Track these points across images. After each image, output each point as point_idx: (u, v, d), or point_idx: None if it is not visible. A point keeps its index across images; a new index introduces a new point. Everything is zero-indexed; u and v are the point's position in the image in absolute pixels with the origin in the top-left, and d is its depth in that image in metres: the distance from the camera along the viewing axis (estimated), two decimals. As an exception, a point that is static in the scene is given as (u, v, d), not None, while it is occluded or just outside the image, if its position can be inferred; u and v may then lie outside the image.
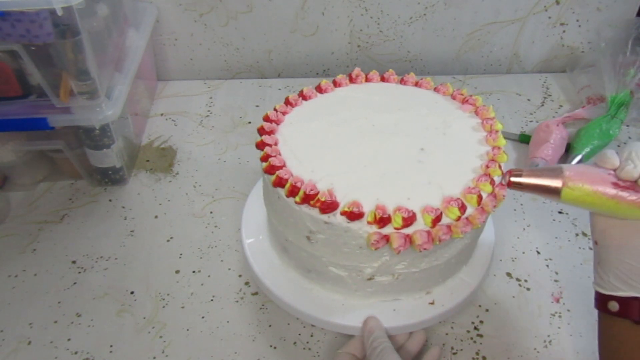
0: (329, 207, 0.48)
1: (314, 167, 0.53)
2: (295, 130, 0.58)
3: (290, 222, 0.53)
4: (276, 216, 0.56)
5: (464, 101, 0.61)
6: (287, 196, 0.50)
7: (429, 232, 0.47)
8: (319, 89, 0.63)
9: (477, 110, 0.60)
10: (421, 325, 0.56)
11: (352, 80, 0.65)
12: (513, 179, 0.47)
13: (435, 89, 0.64)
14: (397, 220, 0.47)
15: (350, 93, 0.64)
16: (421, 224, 0.48)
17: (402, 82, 0.65)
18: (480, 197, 0.49)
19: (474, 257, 0.61)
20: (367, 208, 0.48)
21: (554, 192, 0.44)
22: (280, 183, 0.50)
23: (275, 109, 0.60)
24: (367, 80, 0.65)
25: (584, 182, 0.43)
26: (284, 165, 0.52)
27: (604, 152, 0.43)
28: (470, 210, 0.49)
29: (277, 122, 0.58)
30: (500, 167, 0.52)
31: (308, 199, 0.48)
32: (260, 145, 0.55)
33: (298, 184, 0.49)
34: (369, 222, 0.47)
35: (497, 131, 0.57)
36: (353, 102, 0.62)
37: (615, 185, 0.42)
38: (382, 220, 0.47)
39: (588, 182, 0.43)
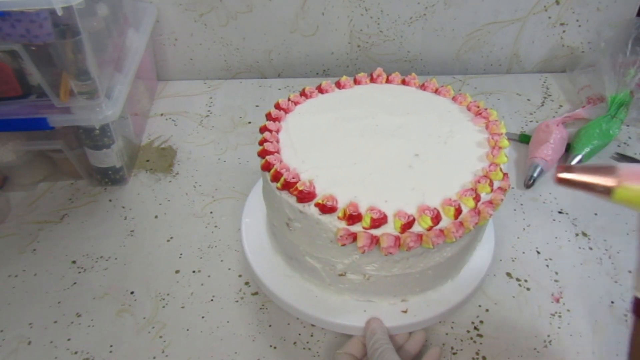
0: (305, 197, 0.49)
1: (306, 157, 0.54)
2: (300, 120, 0.59)
3: (274, 207, 0.55)
4: (265, 199, 0.58)
5: (478, 113, 0.60)
6: (271, 181, 0.52)
7: (397, 237, 0.47)
8: (338, 85, 0.64)
9: (488, 124, 0.58)
10: (394, 330, 0.55)
11: (372, 79, 0.65)
12: (562, 175, 0.45)
13: (454, 98, 0.63)
14: (366, 220, 0.47)
15: (366, 92, 0.64)
16: (391, 228, 0.47)
17: (422, 87, 0.64)
18: (458, 210, 0.48)
19: (471, 262, 0.60)
20: (343, 204, 0.48)
21: (606, 191, 0.43)
22: (267, 167, 0.52)
23: (289, 98, 0.61)
24: (387, 81, 0.65)
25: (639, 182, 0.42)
26: (276, 152, 0.54)
27: None
28: (446, 222, 0.48)
29: (287, 111, 0.60)
30: (491, 183, 0.50)
31: (288, 186, 0.50)
32: (262, 130, 0.57)
33: (283, 171, 0.51)
34: (339, 218, 0.48)
35: (500, 147, 0.55)
36: (366, 100, 0.62)
37: None
38: (352, 218, 0.47)
39: None
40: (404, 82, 0.65)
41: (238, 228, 0.66)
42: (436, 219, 0.47)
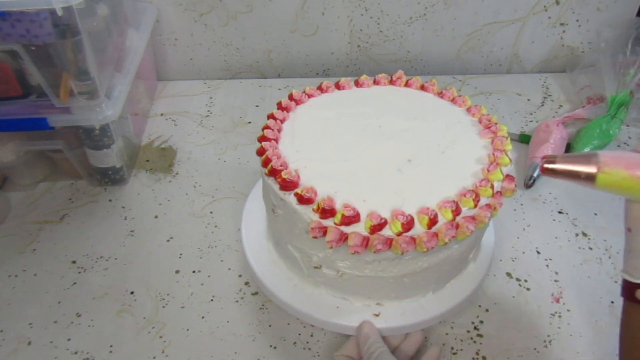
0: (288, 185, 0.50)
1: (301, 147, 0.55)
2: (308, 113, 0.60)
3: (265, 191, 0.56)
4: (262, 182, 0.59)
5: (487, 127, 0.58)
6: (262, 166, 0.53)
7: (365, 237, 0.47)
8: (357, 83, 0.65)
9: (494, 139, 0.56)
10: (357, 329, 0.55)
11: (392, 81, 0.65)
12: (547, 165, 0.46)
13: (468, 109, 0.61)
14: (338, 216, 0.47)
15: (382, 92, 0.64)
16: (362, 228, 0.47)
17: (440, 94, 0.64)
18: (433, 220, 0.47)
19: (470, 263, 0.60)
20: (321, 197, 0.49)
21: (588, 178, 0.43)
22: (261, 152, 0.54)
23: (304, 91, 0.62)
24: (406, 85, 0.65)
25: (619, 167, 0.42)
26: (274, 139, 0.55)
27: None
28: (420, 231, 0.48)
29: (298, 102, 0.61)
30: (477, 198, 0.49)
31: (274, 172, 0.51)
32: (269, 117, 0.58)
33: (273, 158, 0.52)
34: (313, 210, 0.48)
35: (498, 164, 0.52)
36: (378, 101, 0.62)
37: None
38: (325, 212, 0.47)
39: (624, 166, 0.42)
40: (422, 88, 0.65)
41: (238, 228, 0.66)
42: (408, 225, 0.47)
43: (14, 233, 0.71)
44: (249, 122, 0.90)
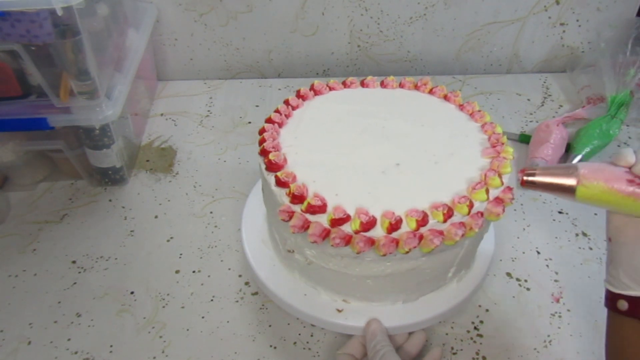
0: (273, 167, 0.52)
1: (300, 135, 0.57)
2: (314, 109, 0.61)
3: (260, 170, 0.58)
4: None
5: (493, 145, 0.55)
6: (259, 154, 0.55)
7: (325, 229, 0.47)
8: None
9: (494, 160, 0.53)
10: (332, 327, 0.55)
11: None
12: (526, 178, 0.46)
13: (483, 126, 0.58)
14: (305, 204, 0.48)
15: (404, 97, 0.63)
16: (325, 219, 0.48)
17: (460, 107, 0.62)
18: (393, 225, 0.46)
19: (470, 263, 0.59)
20: (296, 184, 0.50)
21: (568, 190, 0.43)
22: (261, 132, 0.56)
23: (311, 87, 0.63)
24: (430, 92, 0.64)
25: (598, 180, 0.42)
26: (277, 122, 0.57)
27: (621, 149, 0.42)
28: (380, 233, 0.47)
29: (305, 98, 0.62)
30: (449, 213, 0.47)
31: (264, 153, 0.54)
32: (284, 102, 0.61)
33: (269, 139, 0.54)
34: (286, 194, 0.49)
35: (486, 184, 0.50)
36: (395, 104, 0.62)
37: (631, 182, 0.41)
38: (295, 197, 0.48)
39: (603, 179, 0.42)
40: (446, 97, 0.63)
41: (238, 228, 0.66)
42: (367, 225, 0.46)
43: (14, 233, 0.71)
44: (249, 122, 0.90)
